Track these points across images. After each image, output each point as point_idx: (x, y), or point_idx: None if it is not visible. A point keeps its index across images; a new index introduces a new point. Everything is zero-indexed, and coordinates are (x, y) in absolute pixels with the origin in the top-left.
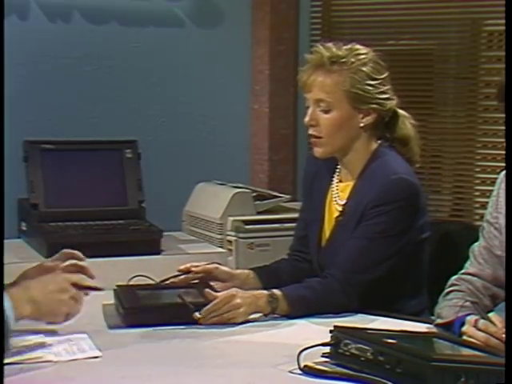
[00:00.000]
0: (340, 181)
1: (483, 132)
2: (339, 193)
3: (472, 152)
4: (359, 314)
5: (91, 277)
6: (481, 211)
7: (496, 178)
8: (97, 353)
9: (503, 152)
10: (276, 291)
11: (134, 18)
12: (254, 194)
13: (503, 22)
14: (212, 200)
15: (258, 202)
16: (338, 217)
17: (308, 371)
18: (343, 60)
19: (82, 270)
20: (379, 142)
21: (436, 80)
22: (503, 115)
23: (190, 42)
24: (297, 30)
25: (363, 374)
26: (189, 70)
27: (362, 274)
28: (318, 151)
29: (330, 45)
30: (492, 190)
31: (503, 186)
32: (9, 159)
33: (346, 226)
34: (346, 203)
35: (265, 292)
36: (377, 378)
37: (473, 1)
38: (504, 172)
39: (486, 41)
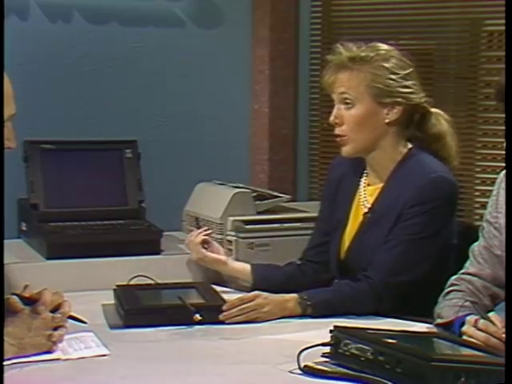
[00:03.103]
0: (368, 184)
1: (483, 132)
2: (367, 197)
3: (472, 152)
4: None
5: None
6: (481, 211)
7: (496, 178)
8: (105, 351)
9: (503, 152)
10: (304, 293)
11: (134, 18)
12: (254, 194)
13: (503, 22)
14: (212, 200)
15: (258, 202)
16: (366, 213)
17: (308, 371)
18: (362, 56)
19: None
20: (410, 145)
21: (436, 80)
22: (503, 115)
23: (190, 42)
24: (297, 30)
25: (363, 374)
26: (189, 70)
27: (400, 276)
28: (344, 150)
29: (350, 45)
30: (492, 190)
31: (503, 185)
32: (9, 159)
33: (376, 224)
34: (375, 202)
35: (294, 295)
36: (377, 378)
37: (473, 1)
38: (504, 172)
39: (486, 41)
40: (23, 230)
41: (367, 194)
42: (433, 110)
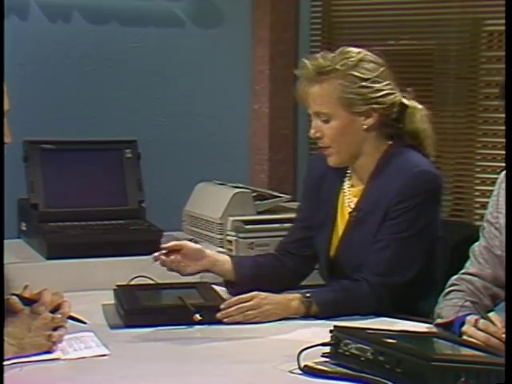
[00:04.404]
0: (352, 185)
1: (483, 132)
2: (351, 197)
3: (472, 152)
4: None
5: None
6: (481, 211)
7: (496, 178)
8: (104, 350)
9: (503, 152)
10: (306, 292)
11: (134, 18)
12: (254, 194)
13: (503, 22)
14: (212, 200)
15: (258, 202)
16: (351, 212)
17: (308, 371)
18: (329, 68)
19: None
20: (390, 142)
21: (436, 80)
22: (503, 115)
23: (190, 42)
24: (297, 30)
25: (363, 374)
26: (189, 70)
27: (396, 277)
28: (330, 161)
29: (316, 56)
30: (492, 190)
31: (503, 186)
32: (9, 159)
33: (362, 223)
34: (359, 201)
35: (297, 294)
36: (377, 378)
37: (473, 1)
38: (504, 172)
39: (486, 41)
40: (23, 230)
41: (351, 195)
42: (409, 103)
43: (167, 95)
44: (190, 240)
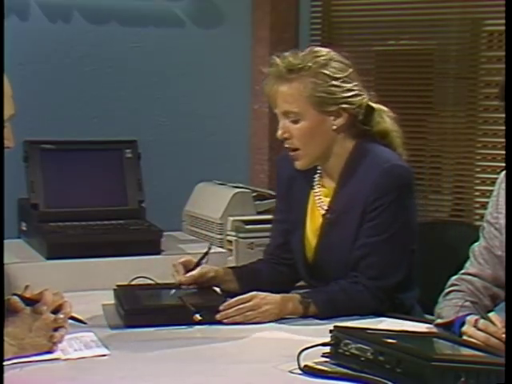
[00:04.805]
0: (322, 186)
1: (483, 132)
2: (323, 197)
3: (472, 152)
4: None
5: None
6: (481, 211)
7: (496, 178)
8: (105, 351)
9: (503, 152)
10: (304, 292)
11: (134, 18)
12: (254, 194)
13: (503, 22)
14: (212, 200)
15: (258, 202)
16: (324, 215)
17: (308, 371)
18: (300, 66)
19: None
20: (357, 140)
21: (436, 80)
22: (503, 115)
23: (190, 42)
24: (297, 30)
25: (363, 374)
26: (189, 70)
27: (390, 278)
28: (298, 164)
29: (286, 54)
30: (492, 190)
31: (503, 186)
32: (9, 159)
33: (338, 224)
34: (331, 202)
35: (296, 294)
36: (377, 378)
37: (473, 1)
38: (504, 172)
39: (486, 41)
40: (23, 230)
41: (322, 195)
42: (376, 106)
43: (167, 95)
44: (207, 253)
